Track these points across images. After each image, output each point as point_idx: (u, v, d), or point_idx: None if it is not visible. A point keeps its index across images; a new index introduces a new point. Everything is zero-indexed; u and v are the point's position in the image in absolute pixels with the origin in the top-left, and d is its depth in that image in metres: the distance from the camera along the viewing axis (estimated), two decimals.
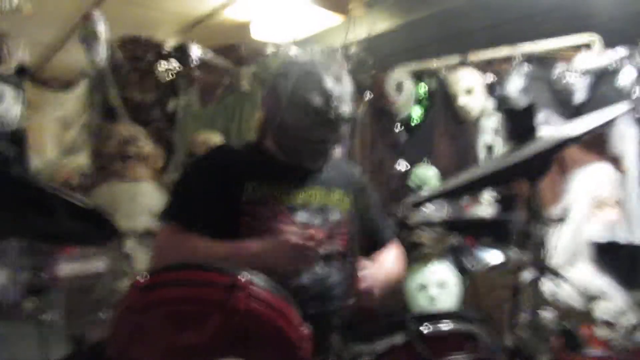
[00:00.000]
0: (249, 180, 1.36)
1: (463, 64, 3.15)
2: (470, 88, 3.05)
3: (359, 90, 3.35)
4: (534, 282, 1.11)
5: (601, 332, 1.97)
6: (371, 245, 1.55)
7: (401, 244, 1.64)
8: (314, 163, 1.41)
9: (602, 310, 2.02)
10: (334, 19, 3.61)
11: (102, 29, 2.55)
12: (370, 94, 3.38)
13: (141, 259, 2.36)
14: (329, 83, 1.32)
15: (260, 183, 1.36)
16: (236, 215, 1.32)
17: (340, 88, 1.34)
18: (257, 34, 4.03)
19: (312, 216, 1.38)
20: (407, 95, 3.25)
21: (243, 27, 4.16)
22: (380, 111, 3.38)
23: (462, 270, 2.83)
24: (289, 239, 1.22)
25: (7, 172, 1.97)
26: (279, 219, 1.33)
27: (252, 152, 1.46)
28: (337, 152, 1.56)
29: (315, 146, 1.37)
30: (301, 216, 1.36)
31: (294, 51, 1.49)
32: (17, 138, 2.35)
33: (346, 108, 1.33)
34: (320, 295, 1.33)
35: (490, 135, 3.09)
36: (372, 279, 1.32)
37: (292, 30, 3.87)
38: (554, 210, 2.31)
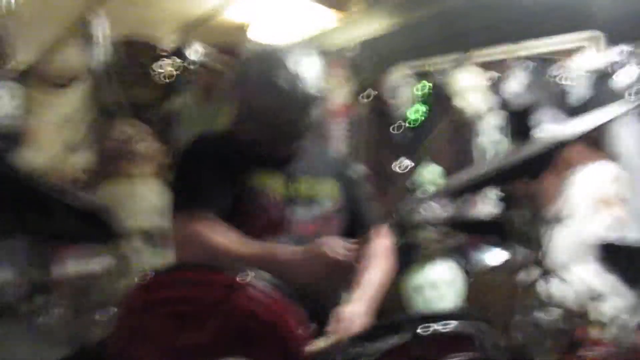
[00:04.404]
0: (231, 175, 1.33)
1: (463, 63, 3.15)
2: (470, 88, 3.05)
3: (359, 90, 3.36)
4: (534, 282, 1.11)
5: (600, 333, 1.97)
6: (358, 230, 1.49)
7: (401, 244, 1.61)
8: (288, 147, 1.39)
9: (602, 310, 2.02)
10: (334, 17, 3.61)
11: (102, 28, 2.55)
12: (370, 94, 3.38)
13: (143, 258, 2.36)
14: (292, 65, 1.31)
15: (243, 177, 1.33)
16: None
17: (306, 69, 1.32)
18: (257, 34, 4.03)
19: (300, 207, 1.35)
20: (407, 95, 3.26)
21: (243, 27, 4.16)
22: (380, 111, 3.38)
23: (462, 270, 2.83)
24: (327, 252, 1.17)
25: (6, 171, 1.97)
26: (266, 212, 1.31)
27: (229, 146, 1.42)
28: (321, 140, 1.53)
29: (286, 128, 1.34)
30: (289, 210, 1.33)
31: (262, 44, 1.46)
32: (13, 137, 2.35)
33: (312, 87, 1.32)
34: (318, 293, 1.32)
35: (491, 135, 3.09)
36: (351, 320, 1.24)
37: (292, 30, 3.87)
38: (554, 210, 2.31)
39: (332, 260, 1.16)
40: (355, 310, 1.28)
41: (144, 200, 2.41)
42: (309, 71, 1.34)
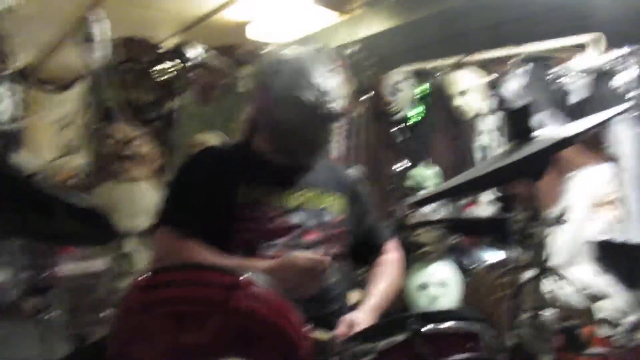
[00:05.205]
0: (240, 183, 1.33)
1: (462, 64, 3.16)
2: (469, 88, 3.05)
3: (359, 90, 3.36)
4: (534, 282, 1.11)
5: (602, 332, 1.97)
6: (369, 248, 1.53)
7: (401, 244, 1.62)
8: (308, 160, 1.40)
9: (603, 309, 2.02)
10: (334, 17, 3.61)
11: (101, 29, 2.55)
12: (370, 94, 3.38)
13: (141, 258, 2.37)
14: (319, 79, 1.30)
15: (252, 186, 1.34)
16: (229, 219, 1.30)
17: (330, 84, 1.32)
18: (257, 34, 4.04)
19: (306, 218, 1.35)
20: (406, 95, 3.26)
21: (243, 27, 4.16)
22: (380, 111, 3.38)
23: (462, 270, 2.83)
24: (299, 262, 1.20)
25: (6, 171, 1.98)
26: (273, 221, 1.32)
27: (242, 153, 1.43)
28: (331, 153, 1.53)
29: (308, 143, 1.35)
30: (295, 218, 1.34)
31: (285, 49, 1.44)
32: (13, 137, 2.35)
33: (336, 104, 1.32)
34: (319, 298, 1.31)
35: (489, 135, 3.10)
36: (359, 326, 1.25)
37: (291, 29, 3.88)
38: (554, 210, 2.31)
39: (303, 269, 1.19)
40: (363, 318, 1.30)
41: (142, 201, 2.42)
42: (332, 85, 1.33)
